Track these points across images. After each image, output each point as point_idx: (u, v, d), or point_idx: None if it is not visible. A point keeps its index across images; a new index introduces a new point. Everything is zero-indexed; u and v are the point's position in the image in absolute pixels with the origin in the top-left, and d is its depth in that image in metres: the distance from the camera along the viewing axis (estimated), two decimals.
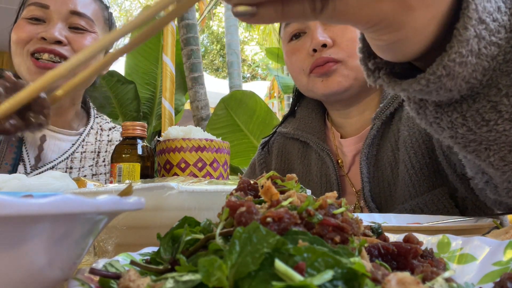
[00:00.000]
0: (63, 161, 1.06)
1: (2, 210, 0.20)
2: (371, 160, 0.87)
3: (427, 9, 0.36)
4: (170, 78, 1.95)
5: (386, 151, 0.85)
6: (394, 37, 0.37)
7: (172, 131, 0.81)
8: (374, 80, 0.46)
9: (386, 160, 0.85)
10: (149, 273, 0.28)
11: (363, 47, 0.47)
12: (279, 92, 9.04)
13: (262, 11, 0.31)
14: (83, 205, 0.23)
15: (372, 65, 0.46)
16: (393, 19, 0.35)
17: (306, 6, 0.31)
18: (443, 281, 0.24)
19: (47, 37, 0.96)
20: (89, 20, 1.03)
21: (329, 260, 0.21)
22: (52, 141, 1.07)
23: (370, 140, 0.85)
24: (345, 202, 0.30)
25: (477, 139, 0.46)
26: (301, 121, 1.01)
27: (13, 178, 0.67)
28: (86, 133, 1.13)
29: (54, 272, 0.26)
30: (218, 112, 2.57)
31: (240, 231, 0.23)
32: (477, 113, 0.44)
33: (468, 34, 0.38)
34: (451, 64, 0.39)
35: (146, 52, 3.06)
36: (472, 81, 0.42)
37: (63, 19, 1.00)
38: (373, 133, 0.85)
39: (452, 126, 0.46)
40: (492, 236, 0.46)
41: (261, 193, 0.29)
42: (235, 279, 0.21)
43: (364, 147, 0.86)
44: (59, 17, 0.99)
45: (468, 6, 0.38)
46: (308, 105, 1.03)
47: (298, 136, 0.99)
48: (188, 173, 0.78)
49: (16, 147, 1.00)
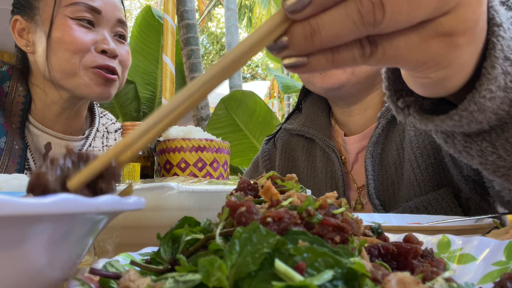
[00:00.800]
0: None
1: (2, 210, 0.20)
2: (376, 158, 0.88)
3: (471, 46, 0.37)
4: (170, 78, 1.95)
5: (391, 150, 0.86)
6: (441, 74, 0.38)
7: (172, 131, 0.81)
8: (404, 117, 0.48)
9: (390, 159, 0.86)
10: (149, 273, 0.28)
11: (389, 84, 0.48)
12: (279, 92, 9.04)
13: (313, 61, 0.31)
14: (83, 205, 0.23)
15: (402, 104, 0.48)
16: (442, 58, 0.36)
17: (356, 52, 0.32)
18: (443, 281, 0.24)
19: (109, 51, 0.93)
20: (127, 28, 1.02)
21: (329, 260, 0.21)
22: (58, 148, 1.02)
23: (375, 138, 0.86)
24: (345, 202, 0.30)
25: (507, 165, 0.48)
26: (307, 118, 1.02)
27: (13, 178, 0.67)
28: (92, 137, 1.08)
29: (54, 272, 0.26)
30: (218, 112, 2.57)
31: (240, 231, 0.23)
32: (507, 142, 0.46)
33: (496, 72, 0.40)
34: (482, 100, 0.41)
35: (146, 52, 3.06)
36: (500, 113, 0.44)
37: (111, 27, 0.97)
38: (378, 132, 0.86)
39: (482, 154, 0.48)
40: (492, 236, 0.46)
41: (261, 193, 0.29)
42: (235, 279, 0.21)
43: (369, 145, 0.87)
44: (108, 24, 0.96)
45: (494, 46, 0.40)
46: (314, 102, 1.05)
47: (304, 133, 1.00)
48: (188, 173, 0.78)
49: (20, 156, 0.95)
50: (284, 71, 7.32)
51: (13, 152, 0.94)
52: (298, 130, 1.01)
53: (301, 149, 1.02)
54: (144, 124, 0.28)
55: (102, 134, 1.12)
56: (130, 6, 16.33)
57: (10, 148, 0.94)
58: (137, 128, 0.28)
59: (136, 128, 0.28)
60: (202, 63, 2.96)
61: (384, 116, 0.86)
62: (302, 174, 1.00)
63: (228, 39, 4.64)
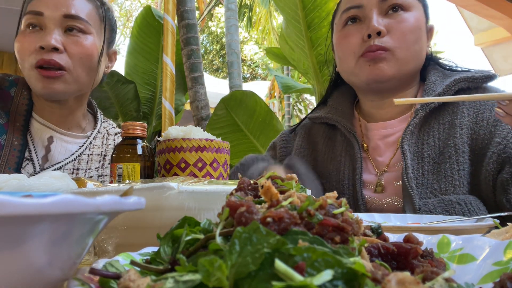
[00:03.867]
0: (70, 162, 1.08)
1: (2, 210, 0.20)
2: (411, 146, 0.92)
3: None
4: (170, 78, 1.94)
5: (426, 142, 0.92)
6: None
7: (172, 131, 0.81)
8: None
9: (425, 151, 0.91)
10: (149, 273, 0.28)
11: None
12: (279, 92, 9.03)
13: None
14: (83, 205, 0.23)
15: None
16: None
17: None
18: (443, 281, 0.24)
19: (44, 45, 0.98)
20: (83, 21, 1.04)
21: (329, 260, 0.21)
22: (59, 142, 1.10)
23: (412, 127, 0.92)
24: (345, 202, 0.30)
25: None
26: (332, 107, 1.09)
27: (13, 178, 0.67)
28: (94, 137, 1.16)
29: (54, 272, 0.26)
30: (218, 112, 2.57)
31: (240, 231, 0.23)
32: None
33: None
34: None
35: (146, 52, 3.06)
36: None
37: (58, 24, 1.01)
38: (415, 122, 0.92)
39: None
40: (492, 236, 0.46)
41: (261, 193, 0.29)
42: (235, 279, 0.21)
43: (406, 132, 0.92)
44: (54, 22, 1.00)
45: None
46: (340, 95, 1.12)
47: (327, 120, 1.07)
48: (188, 173, 0.78)
49: (19, 151, 1.02)
50: (284, 71, 7.32)
51: (13, 147, 1.02)
52: (322, 117, 1.08)
53: (322, 135, 1.10)
54: None
55: (102, 135, 1.20)
56: (131, 6, 16.34)
57: (10, 145, 1.02)
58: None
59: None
60: (202, 63, 2.96)
61: (423, 108, 0.93)
62: (320, 156, 1.07)
63: (228, 39, 4.64)
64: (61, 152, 1.09)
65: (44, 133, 1.09)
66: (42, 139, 1.08)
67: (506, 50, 4.82)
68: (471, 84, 0.93)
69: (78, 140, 1.14)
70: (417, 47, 0.95)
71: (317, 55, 2.56)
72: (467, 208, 0.81)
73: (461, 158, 0.86)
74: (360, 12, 0.98)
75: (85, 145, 1.13)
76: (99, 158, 1.14)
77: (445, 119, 0.92)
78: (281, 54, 2.99)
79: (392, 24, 0.94)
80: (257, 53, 15.85)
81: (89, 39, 1.05)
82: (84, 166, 1.10)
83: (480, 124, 0.89)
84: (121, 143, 0.82)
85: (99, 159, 1.14)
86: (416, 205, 0.84)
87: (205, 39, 16.42)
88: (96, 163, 1.13)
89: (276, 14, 10.47)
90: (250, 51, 16.25)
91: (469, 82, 0.92)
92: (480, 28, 4.80)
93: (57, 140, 1.10)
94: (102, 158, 1.14)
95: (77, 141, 1.13)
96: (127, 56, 3.13)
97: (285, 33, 2.71)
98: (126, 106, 2.90)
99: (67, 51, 1.01)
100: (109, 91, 2.79)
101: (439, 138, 0.90)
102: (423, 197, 0.86)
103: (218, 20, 15.46)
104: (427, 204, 0.84)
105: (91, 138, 1.15)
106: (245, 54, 15.98)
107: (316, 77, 2.66)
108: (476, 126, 0.89)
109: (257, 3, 11.28)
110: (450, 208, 0.81)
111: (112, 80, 2.73)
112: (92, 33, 1.06)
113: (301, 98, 9.25)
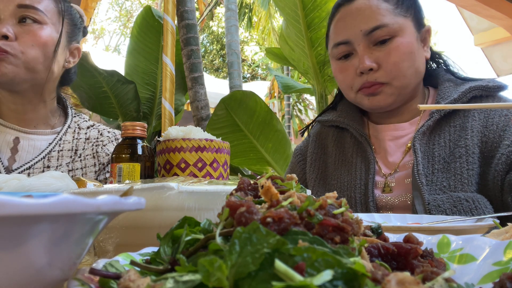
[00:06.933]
0: (40, 161, 1.08)
1: (2, 210, 0.20)
2: (422, 146, 0.94)
3: None
4: (170, 78, 1.94)
5: (437, 142, 0.94)
6: None
7: (172, 131, 0.81)
8: None
9: (436, 150, 0.93)
10: (149, 273, 0.28)
11: None
12: (279, 92, 9.03)
13: None
14: (83, 205, 0.23)
15: None
16: None
17: None
18: (443, 281, 0.24)
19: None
20: (38, 11, 1.04)
21: (329, 260, 0.21)
22: (26, 141, 1.10)
23: (425, 128, 0.94)
24: (345, 202, 0.30)
25: None
26: (342, 111, 1.13)
27: (13, 178, 0.67)
28: (64, 132, 1.16)
29: (54, 272, 0.26)
30: (218, 112, 2.57)
31: (240, 231, 0.23)
32: None
33: None
34: None
35: (146, 52, 3.05)
36: None
37: (12, 14, 1.02)
38: (429, 124, 0.94)
39: None
40: (492, 236, 0.46)
41: (261, 193, 0.29)
42: (235, 279, 0.21)
43: (418, 132, 0.95)
44: (7, 13, 1.02)
45: None
46: (348, 102, 1.13)
47: (338, 123, 1.10)
48: (188, 173, 0.78)
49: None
50: (284, 71, 7.31)
51: None
52: (332, 120, 1.12)
53: (331, 137, 1.12)
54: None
55: (73, 130, 1.19)
56: (131, 6, 16.33)
57: None
58: None
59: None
60: (202, 63, 2.96)
61: (438, 112, 0.95)
62: (331, 158, 1.10)
63: (228, 39, 4.64)
64: (29, 152, 1.09)
65: (8, 135, 1.09)
66: (6, 141, 1.08)
67: (506, 50, 4.82)
68: (484, 93, 0.96)
69: (47, 136, 1.13)
70: (412, 69, 0.96)
71: (317, 55, 2.56)
72: (475, 206, 0.82)
73: (470, 158, 0.88)
74: (350, 47, 0.99)
75: (54, 142, 1.12)
76: (70, 153, 1.13)
77: (456, 122, 0.95)
78: (281, 54, 2.98)
79: (383, 57, 0.95)
80: (257, 53, 15.85)
81: (44, 29, 1.05)
82: (54, 163, 1.09)
83: (490, 128, 0.91)
84: (121, 143, 0.82)
85: (70, 154, 1.13)
86: (426, 200, 0.85)
87: (205, 39, 16.41)
88: (67, 158, 1.12)
89: (276, 16, 10.47)
90: (251, 52, 16.25)
91: (483, 90, 0.95)
92: (480, 28, 4.79)
93: (24, 140, 1.10)
94: (73, 153, 1.14)
95: (46, 137, 1.13)
96: (127, 56, 3.13)
97: (285, 33, 2.71)
98: (126, 106, 2.90)
99: (19, 39, 1.02)
100: (109, 91, 2.79)
101: (450, 140, 0.93)
102: (432, 193, 0.88)
103: (219, 20, 15.46)
104: (436, 199, 0.85)
105: (61, 134, 1.15)
106: (246, 55, 15.98)
107: (316, 77, 2.66)
108: (486, 130, 0.91)
109: (256, 5, 11.28)
110: (458, 205, 0.83)
111: (112, 80, 2.72)
112: (48, 24, 1.07)
113: (301, 98, 9.24)
